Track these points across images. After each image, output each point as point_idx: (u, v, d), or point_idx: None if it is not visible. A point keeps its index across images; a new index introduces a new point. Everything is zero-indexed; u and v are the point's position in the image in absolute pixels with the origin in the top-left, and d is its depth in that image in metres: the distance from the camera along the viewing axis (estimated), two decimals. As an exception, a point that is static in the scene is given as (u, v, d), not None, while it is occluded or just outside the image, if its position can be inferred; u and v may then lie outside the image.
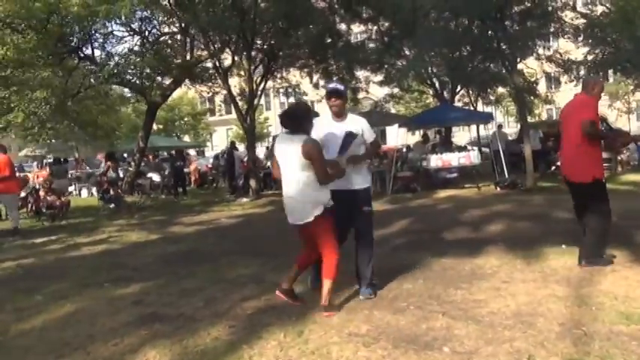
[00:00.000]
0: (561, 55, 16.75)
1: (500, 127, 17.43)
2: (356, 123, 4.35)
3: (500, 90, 21.65)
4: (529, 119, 23.81)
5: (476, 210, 9.01)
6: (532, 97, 18.74)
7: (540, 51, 16.37)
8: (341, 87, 4.48)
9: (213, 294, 4.65)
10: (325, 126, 4.30)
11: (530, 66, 16.86)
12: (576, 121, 4.64)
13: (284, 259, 5.67)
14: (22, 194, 12.15)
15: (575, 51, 18.07)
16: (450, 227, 7.45)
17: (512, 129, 30.93)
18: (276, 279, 4.97)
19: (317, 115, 4.50)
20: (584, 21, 16.63)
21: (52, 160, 18.08)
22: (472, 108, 21.83)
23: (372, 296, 4.24)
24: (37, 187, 12.71)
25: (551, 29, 13.76)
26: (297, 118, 4.01)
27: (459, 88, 18.91)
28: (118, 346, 3.57)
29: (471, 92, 20.46)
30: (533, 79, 17.67)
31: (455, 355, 3.08)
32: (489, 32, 12.16)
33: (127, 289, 5.03)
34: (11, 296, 5.02)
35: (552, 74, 19.34)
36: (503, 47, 12.24)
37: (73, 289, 5.17)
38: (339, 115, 4.32)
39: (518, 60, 12.94)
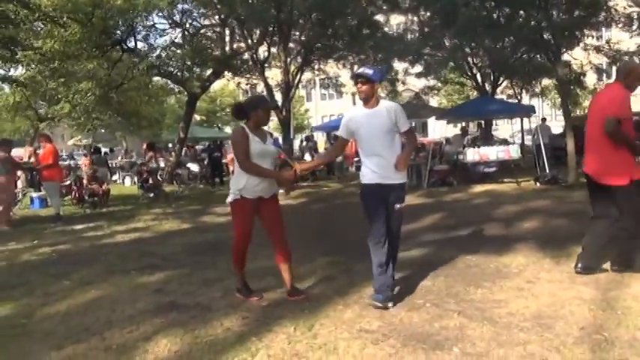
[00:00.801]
0: (610, 46, 15.90)
1: (543, 120, 16.84)
2: (387, 110, 3.92)
3: (548, 81, 20.91)
4: (577, 112, 22.95)
5: (511, 206, 8.74)
6: (579, 90, 17.94)
7: (589, 41, 15.60)
8: (369, 70, 4.00)
9: (231, 285, 4.66)
10: (356, 114, 4.06)
11: (576, 57, 16.10)
12: (601, 115, 4.18)
13: (305, 251, 5.70)
14: (67, 182, 12.65)
15: (628, 41, 17.18)
16: (481, 223, 7.24)
17: (560, 122, 29.79)
18: (295, 271, 4.95)
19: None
20: (638, 9, 15.77)
21: (92, 150, 18.69)
22: (516, 100, 21.19)
23: (381, 305, 3.82)
24: (82, 175, 13.16)
25: (600, 18, 13.06)
26: (240, 109, 4.16)
27: (501, 79, 18.33)
28: (132, 334, 3.64)
29: (514, 84, 19.81)
30: (580, 71, 16.87)
31: (464, 357, 2.98)
32: (532, 22, 11.69)
33: (151, 278, 5.14)
34: (42, 281, 5.21)
35: (601, 65, 18.42)
36: (547, 37, 11.75)
37: (100, 275, 5.33)
38: (367, 101, 3.96)
39: (563, 50, 12.38)
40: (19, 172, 13.35)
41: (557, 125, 23.28)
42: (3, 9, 10.21)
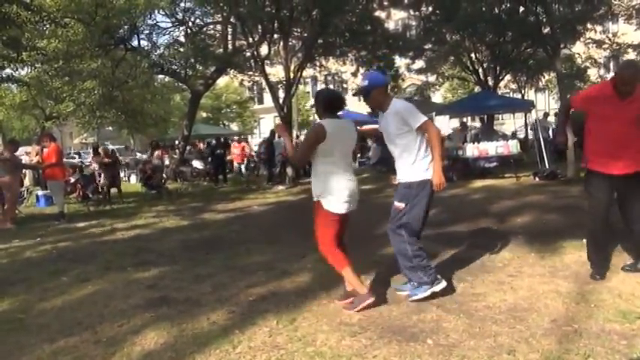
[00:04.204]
0: (610, 40, 15.85)
1: (545, 115, 16.81)
2: (392, 113, 3.85)
3: (552, 75, 20.84)
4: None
5: (507, 201, 8.81)
6: (582, 84, 17.90)
7: (591, 34, 15.53)
8: (363, 82, 3.99)
9: (222, 280, 4.82)
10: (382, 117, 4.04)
11: (577, 51, 16.08)
12: None
13: (298, 248, 5.82)
14: (72, 180, 12.85)
15: (632, 34, 17.09)
16: (475, 218, 7.34)
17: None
18: (286, 267, 5.14)
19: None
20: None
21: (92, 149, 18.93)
22: (520, 94, 21.16)
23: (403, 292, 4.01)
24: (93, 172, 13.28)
25: (600, 12, 13.05)
26: (316, 104, 4.02)
27: (503, 74, 18.31)
28: (122, 327, 3.78)
29: (517, 78, 19.77)
30: (583, 65, 16.86)
31: (436, 347, 3.09)
32: (531, 17, 11.73)
33: (146, 274, 5.27)
34: (40, 277, 5.37)
35: (601, 60, 18.34)
36: (546, 32, 11.77)
37: (97, 271, 5.47)
38: (378, 110, 4.00)
39: (562, 45, 12.38)
40: (24, 171, 13.58)
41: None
42: (6, 11, 10.37)
